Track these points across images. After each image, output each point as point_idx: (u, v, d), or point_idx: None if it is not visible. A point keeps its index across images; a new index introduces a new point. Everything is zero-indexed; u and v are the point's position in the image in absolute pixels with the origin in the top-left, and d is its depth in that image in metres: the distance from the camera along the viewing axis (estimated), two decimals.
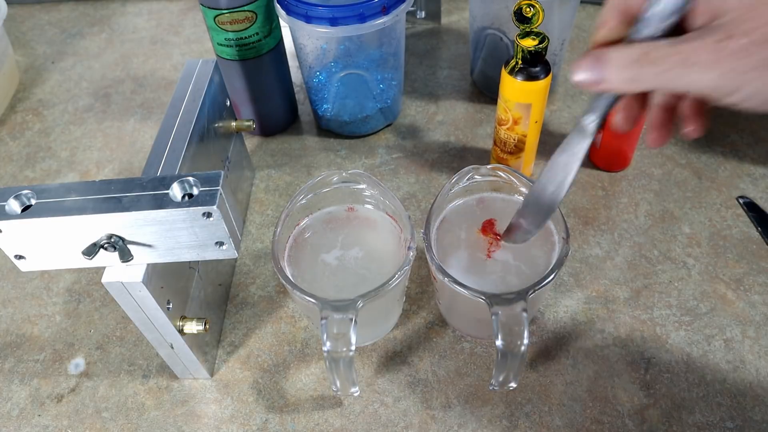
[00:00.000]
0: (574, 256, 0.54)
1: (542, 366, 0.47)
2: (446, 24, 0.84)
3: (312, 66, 0.63)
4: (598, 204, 0.58)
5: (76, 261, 0.37)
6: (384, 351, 0.49)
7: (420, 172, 0.63)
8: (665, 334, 0.48)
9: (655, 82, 0.27)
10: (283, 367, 0.48)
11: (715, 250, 0.54)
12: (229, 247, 0.37)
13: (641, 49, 0.27)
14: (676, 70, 0.26)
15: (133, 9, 0.94)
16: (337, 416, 0.45)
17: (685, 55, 0.25)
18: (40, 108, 0.76)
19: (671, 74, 0.26)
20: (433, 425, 0.44)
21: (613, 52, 0.28)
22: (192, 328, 0.42)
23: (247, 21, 0.57)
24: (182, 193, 0.35)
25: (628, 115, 0.32)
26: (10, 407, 0.47)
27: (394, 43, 0.62)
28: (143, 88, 0.78)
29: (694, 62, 0.25)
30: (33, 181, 0.66)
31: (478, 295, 0.39)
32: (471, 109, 0.70)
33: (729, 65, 0.24)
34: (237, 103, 0.64)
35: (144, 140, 0.70)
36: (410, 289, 0.53)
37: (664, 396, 0.45)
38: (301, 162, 0.65)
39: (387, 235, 0.48)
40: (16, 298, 0.55)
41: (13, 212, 0.35)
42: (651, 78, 0.27)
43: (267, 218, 0.60)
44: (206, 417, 0.46)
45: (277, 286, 0.54)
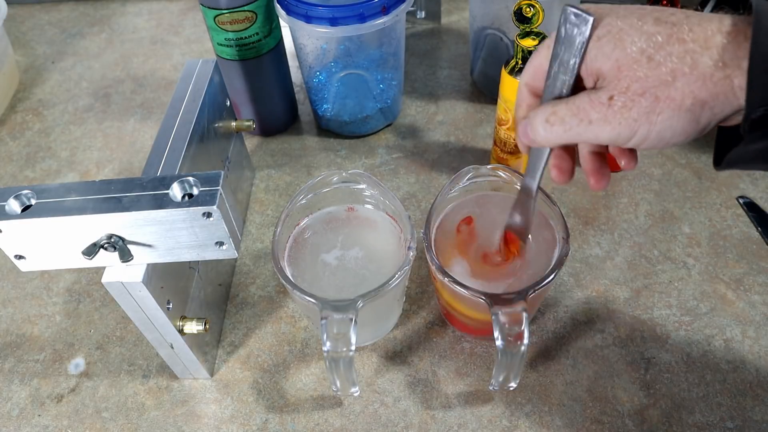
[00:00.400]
0: (574, 256, 0.54)
1: (542, 366, 0.47)
2: (446, 24, 0.85)
3: (312, 66, 0.63)
4: (598, 204, 0.58)
5: (76, 261, 0.37)
6: (384, 351, 0.49)
7: (420, 172, 0.63)
8: (665, 334, 0.48)
9: (566, 137, 0.31)
10: (283, 367, 0.48)
11: (715, 250, 0.54)
12: (229, 247, 0.37)
13: (550, 108, 0.32)
14: (580, 127, 0.30)
15: (133, 9, 0.94)
16: (337, 416, 0.45)
17: (582, 115, 0.30)
18: (40, 108, 0.76)
19: (577, 130, 0.31)
20: (433, 425, 0.44)
21: (533, 115, 0.33)
22: (192, 328, 0.42)
23: (247, 21, 0.57)
24: (182, 193, 0.35)
25: (560, 169, 0.36)
26: (10, 407, 0.47)
27: (394, 43, 0.62)
28: (143, 88, 0.78)
29: (591, 120, 0.30)
30: (33, 181, 0.66)
31: (478, 295, 0.39)
32: (471, 109, 0.70)
33: (617, 119, 0.29)
34: (237, 103, 0.64)
35: (144, 140, 0.70)
36: (410, 289, 0.53)
37: (664, 396, 0.45)
38: (301, 162, 0.65)
39: (387, 235, 0.48)
40: (16, 298, 0.55)
41: (13, 212, 0.35)
42: (562, 134, 0.31)
43: (267, 218, 0.60)
44: (206, 417, 0.46)
45: (277, 286, 0.54)
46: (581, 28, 0.30)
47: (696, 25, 0.27)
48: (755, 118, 0.26)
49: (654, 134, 0.29)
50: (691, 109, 0.27)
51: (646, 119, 0.28)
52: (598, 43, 0.29)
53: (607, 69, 0.29)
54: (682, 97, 0.27)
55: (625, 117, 0.29)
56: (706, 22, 0.27)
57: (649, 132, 0.29)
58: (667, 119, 0.28)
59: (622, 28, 0.29)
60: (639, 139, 0.29)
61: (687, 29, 0.27)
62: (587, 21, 0.29)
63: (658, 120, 0.28)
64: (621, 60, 0.28)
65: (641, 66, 0.28)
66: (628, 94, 0.28)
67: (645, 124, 0.28)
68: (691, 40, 0.27)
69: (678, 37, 0.27)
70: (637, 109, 0.28)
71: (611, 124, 0.29)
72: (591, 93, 0.30)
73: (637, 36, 0.28)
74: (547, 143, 0.33)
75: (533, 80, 0.35)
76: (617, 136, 0.29)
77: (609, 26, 0.29)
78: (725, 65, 0.26)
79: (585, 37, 0.30)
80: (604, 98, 0.29)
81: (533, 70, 0.34)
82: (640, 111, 0.28)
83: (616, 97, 0.29)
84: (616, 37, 0.29)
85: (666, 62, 0.27)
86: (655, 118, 0.28)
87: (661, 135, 0.29)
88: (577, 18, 0.30)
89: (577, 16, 0.29)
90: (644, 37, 0.28)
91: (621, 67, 0.28)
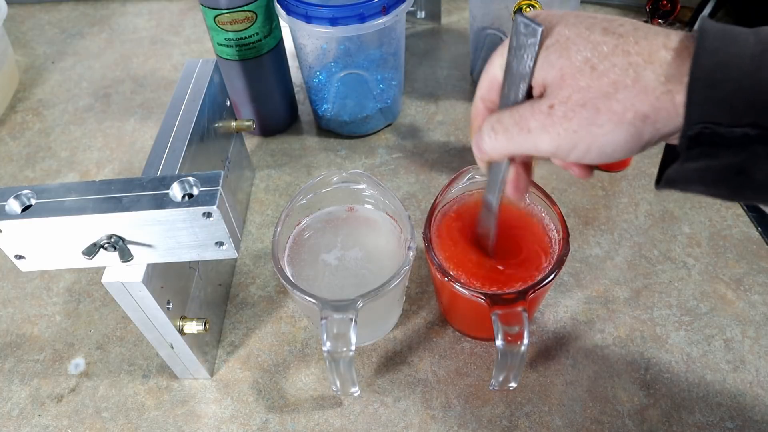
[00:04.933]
0: (574, 256, 0.54)
1: (542, 366, 0.47)
2: (446, 24, 0.85)
3: (312, 66, 0.63)
4: (598, 204, 0.58)
5: (76, 261, 0.37)
6: (384, 351, 0.49)
7: (420, 172, 0.63)
8: (665, 334, 0.48)
9: (510, 147, 0.31)
10: (283, 367, 0.48)
11: (715, 250, 0.54)
12: (229, 247, 0.37)
13: (495, 117, 0.32)
14: (520, 136, 0.30)
15: (133, 9, 0.94)
16: (337, 416, 0.45)
17: (522, 123, 0.30)
18: (40, 108, 0.76)
19: (518, 139, 0.30)
20: (433, 425, 0.44)
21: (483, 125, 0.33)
22: (192, 328, 0.42)
23: (247, 21, 0.57)
24: (182, 193, 0.35)
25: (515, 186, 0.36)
26: (10, 407, 0.47)
27: (394, 43, 0.62)
28: (143, 88, 0.78)
29: (530, 128, 0.29)
30: (33, 181, 0.66)
31: (478, 295, 0.39)
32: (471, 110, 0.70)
33: (556, 129, 0.28)
34: (237, 103, 0.64)
35: (144, 140, 0.70)
36: (410, 289, 0.53)
37: (664, 396, 0.45)
38: (301, 162, 0.65)
39: (387, 235, 0.48)
40: (16, 298, 0.55)
41: (13, 212, 0.35)
42: (505, 143, 0.31)
43: (267, 218, 0.60)
44: (206, 417, 0.46)
45: (277, 286, 0.54)
46: (531, 38, 0.29)
47: (642, 39, 0.27)
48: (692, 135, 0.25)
49: (595, 148, 0.28)
50: (632, 123, 0.27)
51: (587, 131, 0.27)
52: (546, 52, 0.29)
53: (551, 78, 0.29)
54: (623, 109, 0.26)
55: (564, 128, 0.28)
56: (653, 36, 0.27)
57: (589, 145, 0.28)
58: (608, 132, 0.27)
59: (569, 37, 0.28)
60: (580, 153, 0.29)
61: (633, 41, 0.27)
62: (536, 31, 0.29)
63: (599, 133, 0.27)
64: (565, 69, 0.28)
65: (584, 75, 0.27)
66: (569, 104, 0.28)
67: (585, 137, 0.28)
68: (636, 53, 0.26)
69: (623, 49, 0.27)
70: (577, 120, 0.27)
71: (550, 134, 0.28)
72: (534, 102, 0.29)
73: (583, 45, 0.28)
74: (494, 153, 0.32)
75: (488, 93, 0.34)
76: (557, 148, 0.29)
77: (558, 35, 0.29)
78: (668, 80, 0.26)
79: (535, 48, 0.29)
80: (545, 107, 0.29)
81: (488, 82, 0.34)
82: (580, 122, 0.27)
83: (556, 106, 0.28)
84: (563, 46, 0.28)
85: (609, 73, 0.27)
86: (596, 130, 0.27)
87: (603, 149, 0.28)
88: (526, 28, 0.29)
89: (527, 26, 0.29)
90: (590, 46, 0.27)
91: (564, 76, 0.28)
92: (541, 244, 0.45)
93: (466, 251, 0.45)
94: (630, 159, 0.61)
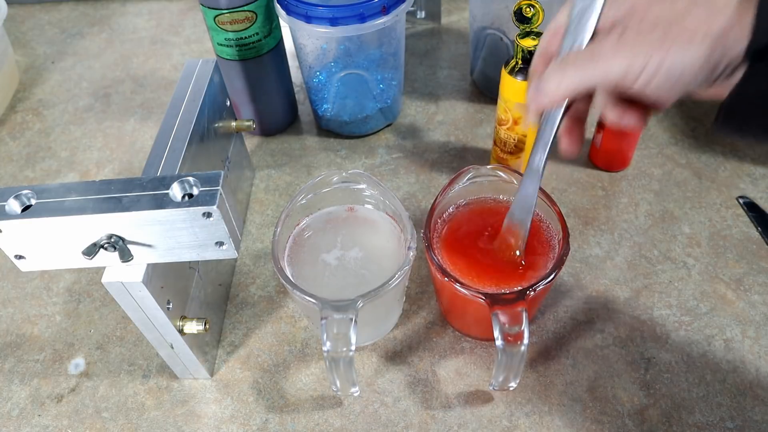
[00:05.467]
0: (574, 256, 0.54)
1: (542, 366, 0.47)
2: (446, 24, 0.85)
3: (312, 66, 0.63)
4: (598, 204, 0.58)
5: (76, 261, 0.37)
6: (384, 351, 0.49)
7: (420, 172, 0.63)
8: (665, 334, 0.48)
9: (579, 78, 0.31)
10: (283, 367, 0.48)
11: (715, 250, 0.54)
12: (229, 247, 0.37)
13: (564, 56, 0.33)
14: (591, 63, 0.31)
15: (133, 9, 0.94)
16: (337, 416, 0.45)
17: (594, 51, 0.31)
18: (40, 108, 0.76)
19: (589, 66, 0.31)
20: (433, 425, 0.44)
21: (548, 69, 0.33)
22: (192, 328, 0.42)
23: (247, 21, 0.57)
24: (182, 193, 0.35)
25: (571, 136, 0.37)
26: (10, 407, 0.47)
27: (394, 43, 0.62)
28: (143, 88, 0.78)
29: (601, 53, 0.30)
30: (33, 181, 0.66)
31: (478, 295, 0.39)
32: (471, 109, 0.70)
33: (627, 49, 0.29)
34: (237, 103, 0.64)
35: (144, 140, 0.70)
36: (410, 289, 0.53)
37: (664, 396, 0.45)
38: (301, 162, 0.66)
39: (387, 235, 0.48)
40: (16, 298, 0.55)
41: (13, 212, 0.35)
42: (574, 74, 0.32)
43: (267, 218, 0.60)
44: (206, 417, 0.46)
45: (277, 286, 0.54)
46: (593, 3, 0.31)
47: None
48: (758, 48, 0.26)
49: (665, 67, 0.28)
50: (703, 41, 0.27)
51: (658, 49, 0.28)
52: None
53: (621, 14, 0.30)
54: (695, 27, 0.27)
55: (635, 48, 0.29)
56: None
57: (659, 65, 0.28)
58: (679, 51, 0.28)
59: None
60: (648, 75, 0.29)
61: None
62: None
63: (670, 51, 0.28)
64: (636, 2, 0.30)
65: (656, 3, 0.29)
66: (642, 26, 0.29)
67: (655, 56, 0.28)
68: None
69: None
70: (649, 39, 0.28)
71: (621, 54, 0.29)
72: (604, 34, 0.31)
73: None
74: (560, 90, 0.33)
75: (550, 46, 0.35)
76: (627, 69, 0.29)
77: None
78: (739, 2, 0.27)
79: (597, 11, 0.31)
80: (616, 34, 0.30)
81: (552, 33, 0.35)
82: (652, 41, 0.28)
83: (628, 31, 0.29)
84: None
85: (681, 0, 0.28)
86: (668, 45, 0.28)
87: (671, 71, 0.28)
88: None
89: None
90: None
91: (635, 7, 0.29)
92: (541, 244, 0.45)
93: (466, 251, 0.45)
94: (630, 159, 0.61)
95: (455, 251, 0.45)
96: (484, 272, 0.43)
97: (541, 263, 0.44)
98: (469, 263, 0.44)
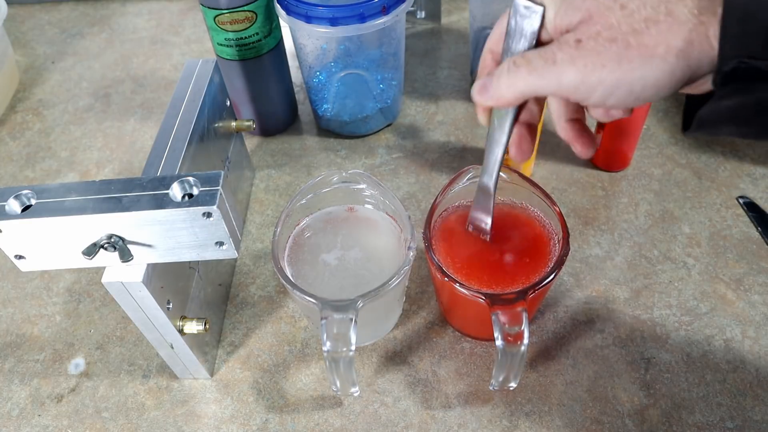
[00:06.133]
0: (574, 256, 0.54)
1: (542, 366, 0.47)
2: (446, 24, 0.84)
3: (312, 66, 0.63)
4: (598, 204, 0.58)
5: (76, 261, 0.37)
6: (384, 351, 0.49)
7: (420, 172, 0.63)
8: (665, 334, 0.48)
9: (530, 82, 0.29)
10: (283, 367, 0.48)
11: (715, 250, 0.54)
12: (229, 247, 0.37)
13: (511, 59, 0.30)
14: (544, 68, 0.29)
15: (133, 9, 0.94)
16: (337, 416, 0.45)
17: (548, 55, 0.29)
18: (40, 108, 0.76)
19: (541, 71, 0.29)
20: (433, 425, 0.44)
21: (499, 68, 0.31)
22: (192, 328, 0.42)
23: (247, 21, 0.57)
24: (182, 193, 0.35)
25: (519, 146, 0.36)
26: (10, 407, 0.47)
27: (394, 43, 0.62)
28: (143, 88, 0.78)
29: (555, 60, 0.28)
30: (33, 181, 0.66)
31: (478, 295, 0.39)
32: (471, 109, 0.70)
33: (584, 62, 0.27)
34: (237, 103, 0.64)
35: (144, 140, 0.70)
36: (410, 289, 0.53)
37: (664, 396, 0.45)
38: (301, 162, 0.65)
39: (387, 235, 0.48)
40: (16, 298, 0.55)
41: (13, 212, 0.35)
42: (526, 76, 0.29)
43: (267, 218, 0.60)
44: (206, 417, 0.46)
45: (277, 286, 0.54)
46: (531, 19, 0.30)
47: None
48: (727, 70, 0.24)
49: (624, 85, 0.27)
50: (664, 58, 0.26)
51: (617, 65, 0.26)
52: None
53: (577, 20, 0.28)
54: (655, 44, 0.26)
55: (592, 60, 0.27)
56: None
57: (618, 81, 0.27)
58: (638, 68, 0.26)
59: None
60: (606, 91, 0.27)
61: None
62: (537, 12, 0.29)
63: (628, 68, 0.26)
64: (592, 9, 0.27)
65: (614, 13, 0.27)
66: (599, 39, 0.27)
67: (614, 72, 0.27)
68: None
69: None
70: (607, 54, 0.26)
71: (576, 65, 0.27)
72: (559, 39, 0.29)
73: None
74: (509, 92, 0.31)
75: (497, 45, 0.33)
76: (581, 82, 0.27)
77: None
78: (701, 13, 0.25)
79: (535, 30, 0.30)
80: (572, 41, 0.28)
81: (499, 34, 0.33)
82: (610, 56, 0.26)
83: (584, 41, 0.27)
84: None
85: (640, 10, 0.26)
86: (626, 65, 0.26)
87: (632, 87, 0.27)
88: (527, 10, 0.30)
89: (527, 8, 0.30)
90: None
91: (592, 15, 0.27)
92: (541, 244, 0.45)
93: (466, 251, 0.45)
94: (630, 159, 0.61)
95: (455, 251, 0.45)
96: (484, 272, 0.43)
97: (541, 263, 0.44)
98: (469, 263, 0.44)
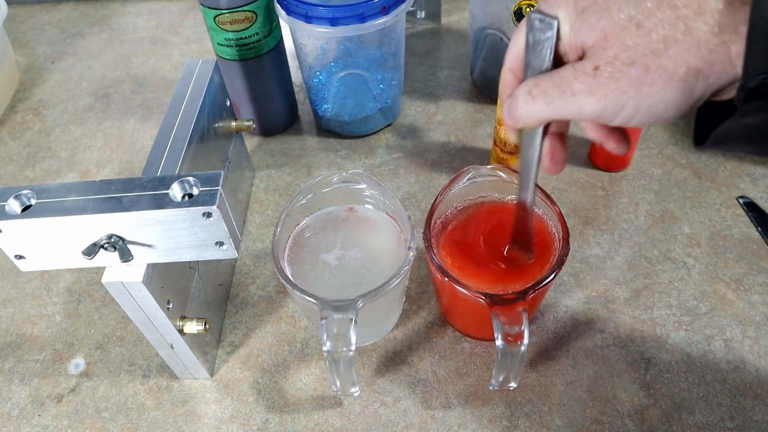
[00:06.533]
0: (574, 256, 0.54)
1: (542, 366, 0.47)
2: (446, 24, 0.84)
3: (312, 66, 0.63)
4: (598, 204, 0.58)
5: (76, 261, 0.37)
6: (384, 351, 0.49)
7: (420, 172, 0.63)
8: (665, 334, 0.48)
9: (549, 111, 0.30)
10: (283, 367, 0.48)
11: (715, 250, 0.54)
12: (229, 247, 0.37)
13: (533, 81, 0.30)
14: (562, 100, 0.28)
15: (133, 9, 0.94)
16: (337, 416, 0.45)
17: (565, 86, 0.28)
18: (40, 108, 0.76)
19: (559, 103, 0.29)
20: (433, 425, 0.44)
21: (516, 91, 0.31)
22: (192, 328, 0.42)
23: (247, 21, 0.57)
24: (182, 193, 0.35)
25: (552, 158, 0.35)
26: (10, 407, 0.47)
27: (394, 43, 0.62)
28: (143, 88, 0.78)
29: (573, 91, 0.28)
30: (33, 181, 0.66)
31: (478, 295, 0.39)
32: (471, 109, 0.70)
33: (603, 91, 0.27)
34: (237, 103, 0.64)
35: (144, 140, 0.70)
36: (410, 289, 0.53)
37: (664, 396, 0.45)
38: (301, 162, 0.66)
39: (387, 235, 0.48)
40: (16, 298, 0.55)
41: (13, 212, 0.35)
42: (544, 107, 0.29)
43: (267, 218, 0.60)
44: (206, 417, 0.46)
45: (277, 286, 0.54)
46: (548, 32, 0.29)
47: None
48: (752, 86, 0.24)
49: (644, 108, 0.27)
50: (684, 79, 0.25)
51: (636, 91, 0.26)
52: (582, 16, 0.28)
53: (592, 41, 0.27)
54: (675, 66, 0.25)
55: (612, 88, 0.26)
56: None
57: (638, 105, 0.26)
58: (659, 91, 0.26)
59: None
60: (628, 114, 0.27)
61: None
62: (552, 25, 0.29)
63: (649, 92, 0.26)
64: (607, 29, 0.27)
65: (630, 34, 0.26)
66: (616, 64, 0.26)
67: (634, 97, 0.26)
68: (684, 5, 0.25)
69: (669, 3, 0.25)
70: (625, 80, 0.26)
71: (596, 95, 0.27)
72: (575, 64, 0.28)
73: (624, 3, 0.26)
74: (530, 118, 0.31)
75: (517, 63, 0.33)
76: (602, 110, 0.27)
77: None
78: (721, 31, 0.24)
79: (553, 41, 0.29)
80: (589, 68, 0.27)
81: (516, 51, 0.33)
82: (629, 82, 0.26)
83: (602, 67, 0.27)
84: (602, 6, 0.27)
85: (657, 29, 0.25)
86: (646, 89, 0.26)
87: (653, 109, 0.27)
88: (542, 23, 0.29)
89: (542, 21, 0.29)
90: (632, 3, 0.26)
91: (608, 36, 0.27)
92: (541, 244, 0.45)
93: (466, 251, 0.45)
94: (630, 159, 0.61)
95: (455, 251, 0.45)
96: (484, 272, 0.43)
97: (541, 263, 0.44)
98: (469, 263, 0.44)
